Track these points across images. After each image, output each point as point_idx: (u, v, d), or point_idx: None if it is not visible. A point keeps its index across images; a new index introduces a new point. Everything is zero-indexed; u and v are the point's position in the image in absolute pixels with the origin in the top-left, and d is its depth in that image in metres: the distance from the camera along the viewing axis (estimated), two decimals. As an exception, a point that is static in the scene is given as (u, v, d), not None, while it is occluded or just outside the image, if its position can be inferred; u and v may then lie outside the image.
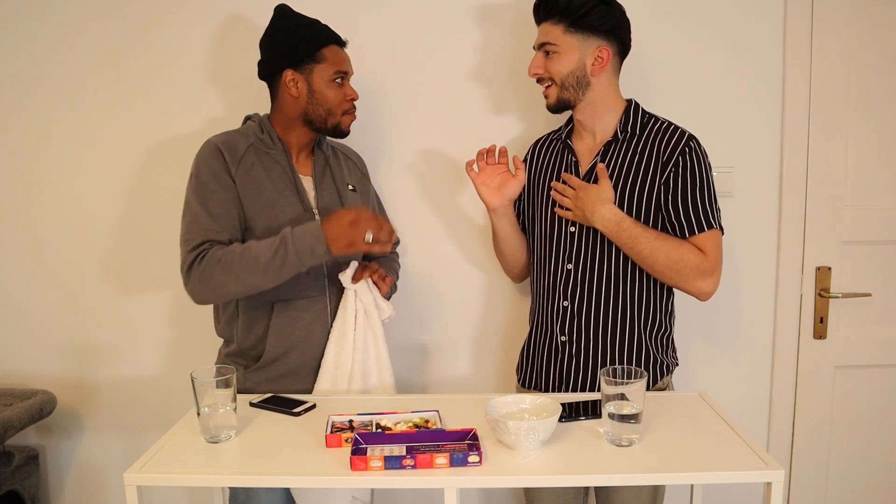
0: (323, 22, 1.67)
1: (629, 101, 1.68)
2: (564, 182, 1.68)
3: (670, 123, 1.65)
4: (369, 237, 1.49)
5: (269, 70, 1.66)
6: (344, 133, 1.70)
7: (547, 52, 1.61)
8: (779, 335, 2.08)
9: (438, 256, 2.06)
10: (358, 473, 1.21)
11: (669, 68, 1.97)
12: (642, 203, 1.61)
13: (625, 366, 1.33)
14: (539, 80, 1.66)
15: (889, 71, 1.98)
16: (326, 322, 1.66)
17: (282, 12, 1.67)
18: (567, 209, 1.65)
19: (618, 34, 1.62)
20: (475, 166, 1.71)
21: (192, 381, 1.33)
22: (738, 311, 2.07)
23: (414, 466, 1.21)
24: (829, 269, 2.05)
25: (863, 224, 2.03)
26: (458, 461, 1.22)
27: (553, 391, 1.71)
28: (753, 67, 1.97)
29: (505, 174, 1.71)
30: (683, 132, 1.62)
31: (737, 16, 1.95)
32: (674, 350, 1.75)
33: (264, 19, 1.67)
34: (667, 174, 1.59)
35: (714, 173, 1.95)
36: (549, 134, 1.82)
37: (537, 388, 1.75)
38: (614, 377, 1.29)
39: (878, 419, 2.12)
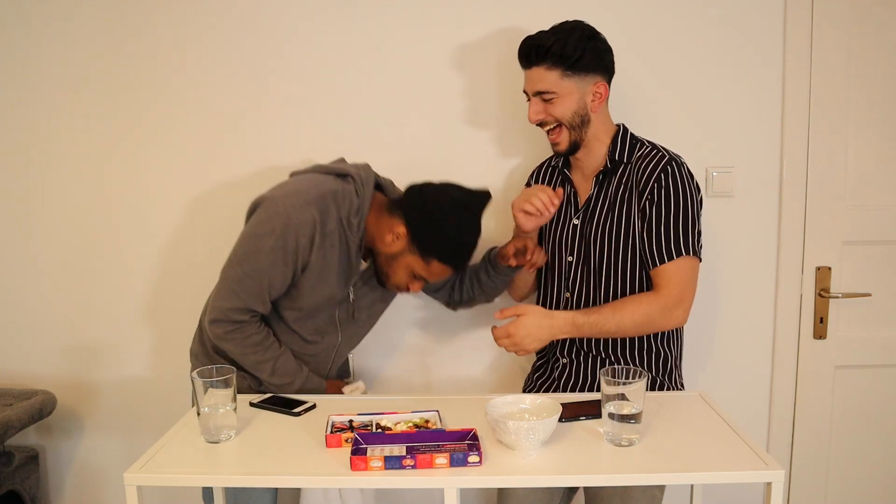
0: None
1: (618, 128, 1.68)
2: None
3: (655, 149, 1.63)
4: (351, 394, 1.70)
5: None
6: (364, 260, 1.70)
7: (545, 99, 1.60)
8: (779, 335, 2.08)
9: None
10: (358, 473, 1.21)
11: (670, 69, 1.97)
12: (631, 233, 1.61)
13: (624, 366, 1.33)
14: (541, 125, 1.65)
15: (889, 71, 1.98)
16: (330, 354, 1.74)
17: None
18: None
19: (608, 65, 1.63)
20: (529, 207, 1.65)
21: (193, 381, 1.33)
22: (738, 311, 2.07)
23: (414, 466, 1.21)
24: (829, 269, 2.05)
25: (863, 224, 2.03)
26: (458, 461, 1.22)
27: None
28: (753, 67, 1.97)
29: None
30: (664, 156, 1.60)
31: (737, 16, 1.95)
32: (679, 380, 1.74)
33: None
34: (644, 200, 1.59)
35: (714, 173, 1.99)
36: (549, 160, 1.83)
37: None
38: (614, 377, 1.29)
39: (878, 419, 2.12)
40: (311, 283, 1.59)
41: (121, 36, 2.00)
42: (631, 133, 1.68)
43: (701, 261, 1.62)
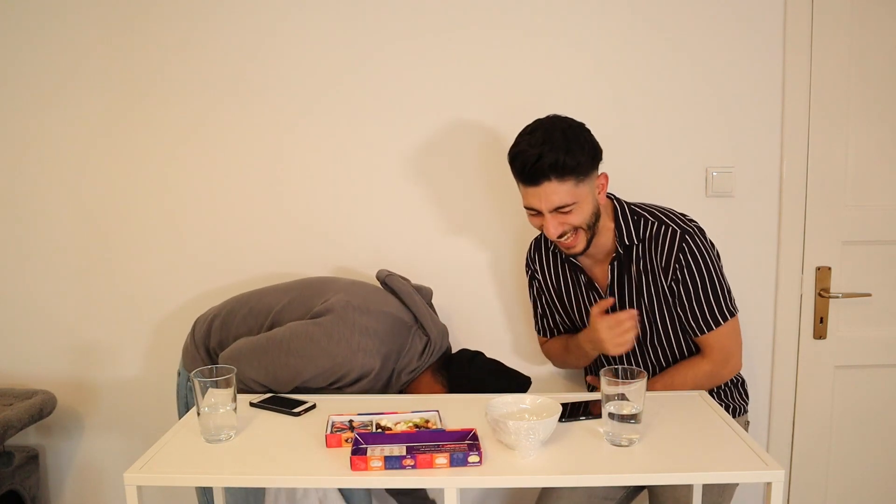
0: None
1: (613, 204, 1.66)
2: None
3: (662, 224, 1.61)
4: None
5: None
6: None
7: (563, 212, 1.53)
8: (779, 335, 2.08)
9: (440, 257, 2.06)
10: (358, 473, 1.21)
11: (670, 68, 1.97)
12: (659, 306, 1.63)
13: (624, 366, 1.33)
14: (560, 236, 1.57)
15: (889, 71, 1.98)
16: None
17: None
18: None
19: (601, 157, 1.57)
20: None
21: (193, 381, 1.33)
22: (738, 311, 2.06)
23: (414, 466, 1.21)
24: (829, 269, 2.05)
25: (863, 224, 2.03)
26: (458, 461, 1.22)
27: None
28: (753, 67, 1.97)
29: None
30: (675, 231, 1.59)
31: (737, 16, 1.95)
32: (743, 395, 1.77)
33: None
34: (670, 279, 1.60)
35: (714, 173, 1.98)
36: (543, 238, 1.79)
37: None
38: (614, 377, 1.29)
39: (878, 419, 2.11)
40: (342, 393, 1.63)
41: (118, 36, 2.00)
42: (627, 205, 1.66)
43: (738, 311, 1.66)
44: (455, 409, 1.47)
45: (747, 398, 1.78)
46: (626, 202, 1.67)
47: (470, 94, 2.00)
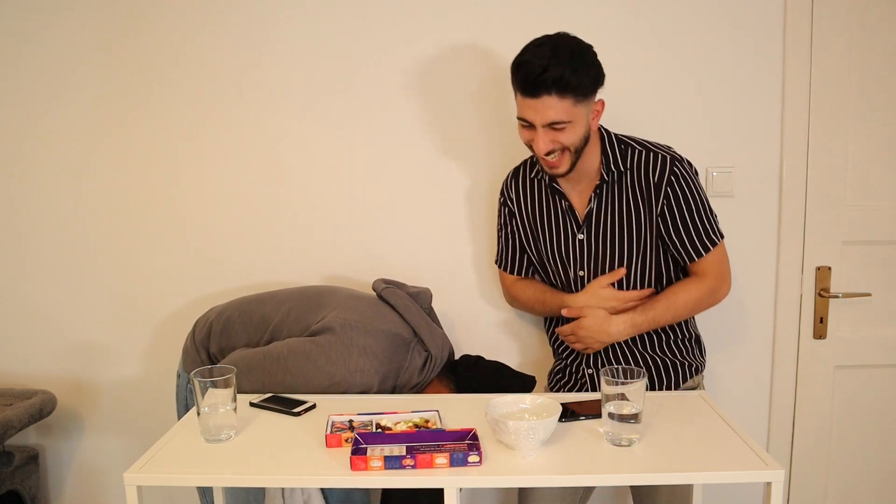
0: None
1: (602, 133, 1.66)
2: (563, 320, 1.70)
3: (649, 151, 1.63)
4: None
5: None
6: None
7: (556, 128, 1.52)
8: (779, 335, 2.08)
9: (439, 257, 2.05)
10: (358, 473, 1.21)
11: (670, 68, 1.97)
12: (643, 233, 1.63)
13: (624, 366, 1.33)
14: (547, 154, 1.57)
15: (889, 71, 1.98)
16: None
17: None
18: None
19: (603, 82, 1.56)
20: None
21: (193, 381, 1.33)
22: (738, 311, 2.06)
23: (414, 466, 1.21)
24: (829, 269, 2.05)
25: (863, 224, 2.03)
26: (458, 461, 1.22)
27: None
28: (753, 67, 1.97)
29: None
30: (665, 157, 1.61)
31: (737, 16, 1.95)
32: (702, 352, 1.78)
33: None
34: (660, 206, 1.61)
35: (714, 172, 1.99)
36: (525, 166, 1.79)
37: None
38: (614, 377, 1.29)
39: (878, 419, 2.11)
40: None
41: (117, 35, 2.00)
42: (615, 134, 1.67)
43: (724, 236, 1.69)
44: (455, 409, 1.47)
45: (704, 356, 1.80)
46: (613, 132, 1.67)
47: (470, 96, 2.00)
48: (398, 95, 2.00)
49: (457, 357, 1.80)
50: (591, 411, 1.42)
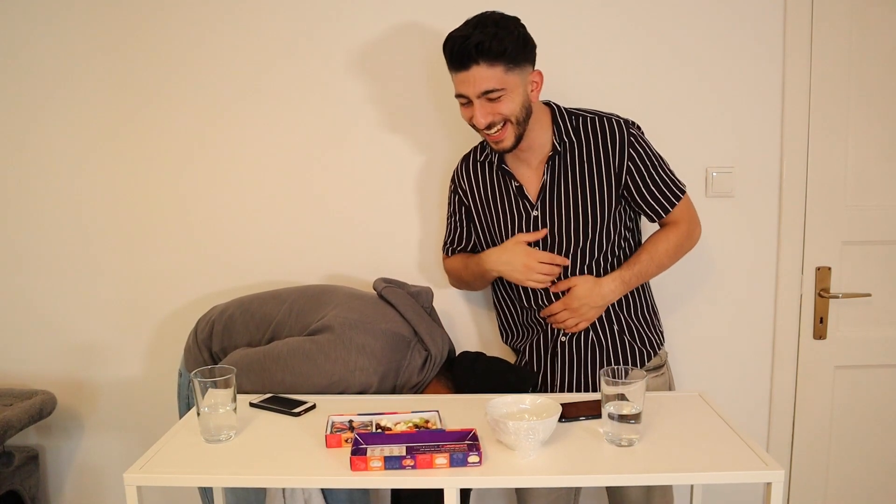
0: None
1: (550, 107, 1.67)
2: (547, 302, 1.71)
3: (600, 117, 1.66)
4: None
5: None
6: None
7: (490, 99, 1.53)
8: (779, 335, 2.08)
9: (438, 256, 2.06)
10: (358, 473, 1.21)
11: (670, 68, 1.97)
12: (602, 202, 1.65)
13: (622, 366, 1.33)
14: (487, 127, 1.57)
15: (889, 71, 1.98)
16: None
17: None
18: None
19: (535, 52, 1.59)
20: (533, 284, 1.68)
21: (193, 381, 1.33)
22: (738, 311, 2.07)
23: (414, 466, 1.21)
24: (829, 269, 2.05)
25: (863, 224, 2.03)
26: (457, 461, 1.22)
27: (550, 389, 1.75)
28: (753, 67, 1.97)
29: None
30: (618, 122, 1.64)
31: (737, 16, 1.95)
32: (660, 330, 1.81)
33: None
34: (625, 168, 1.63)
35: (714, 173, 1.99)
36: (475, 151, 1.80)
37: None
38: (614, 377, 1.29)
39: (878, 419, 2.11)
40: None
41: (117, 34, 2.00)
42: (565, 108, 1.68)
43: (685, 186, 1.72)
44: (455, 409, 1.47)
45: (662, 331, 1.82)
46: (563, 106, 1.69)
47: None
48: (401, 96, 2.00)
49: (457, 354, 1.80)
50: (591, 411, 1.43)
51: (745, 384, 2.10)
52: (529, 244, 1.69)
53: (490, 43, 1.48)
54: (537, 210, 1.69)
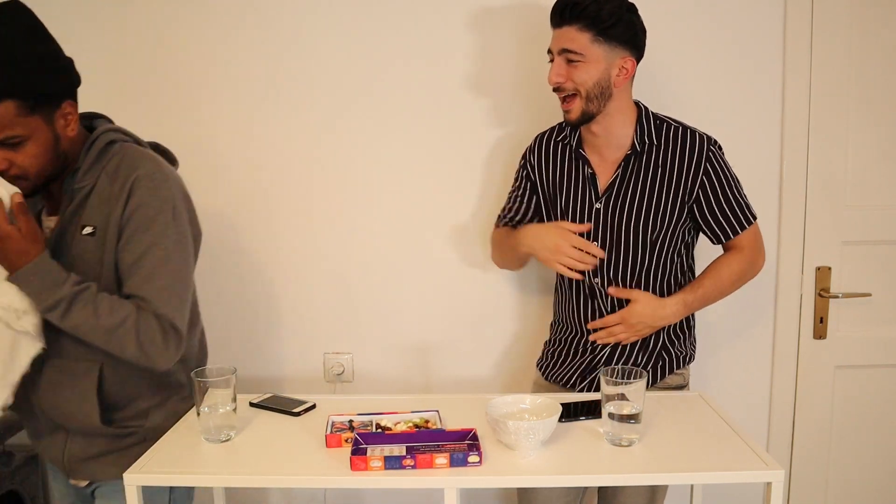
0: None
1: (638, 107, 1.66)
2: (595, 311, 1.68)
3: (684, 127, 1.63)
4: None
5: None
6: None
7: (569, 60, 1.54)
8: (779, 335, 2.08)
9: (437, 256, 2.06)
10: (358, 473, 1.21)
11: (669, 68, 1.97)
12: (667, 212, 1.62)
13: (622, 366, 1.33)
14: (557, 90, 1.58)
15: (889, 71, 1.98)
16: None
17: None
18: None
19: (639, 43, 1.59)
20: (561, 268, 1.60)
21: (193, 381, 1.34)
22: (738, 311, 2.07)
23: (414, 466, 1.21)
24: (829, 269, 2.05)
25: (863, 224, 2.03)
26: (458, 461, 1.22)
27: (578, 384, 1.71)
28: (753, 67, 1.97)
29: None
30: (701, 137, 1.62)
31: (737, 15, 1.95)
32: (693, 342, 1.77)
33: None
34: (698, 183, 1.60)
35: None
36: (552, 131, 1.76)
37: (560, 382, 1.74)
38: (614, 377, 1.29)
39: (878, 419, 2.11)
40: None
41: (117, 33, 2.00)
42: (652, 112, 1.66)
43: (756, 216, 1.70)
44: (455, 409, 1.47)
45: (695, 345, 1.79)
46: (653, 111, 1.67)
47: (473, 95, 2.00)
48: (406, 95, 2.00)
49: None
50: (591, 411, 1.43)
51: (745, 384, 2.10)
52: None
53: (587, 7, 1.50)
54: (600, 203, 1.65)
